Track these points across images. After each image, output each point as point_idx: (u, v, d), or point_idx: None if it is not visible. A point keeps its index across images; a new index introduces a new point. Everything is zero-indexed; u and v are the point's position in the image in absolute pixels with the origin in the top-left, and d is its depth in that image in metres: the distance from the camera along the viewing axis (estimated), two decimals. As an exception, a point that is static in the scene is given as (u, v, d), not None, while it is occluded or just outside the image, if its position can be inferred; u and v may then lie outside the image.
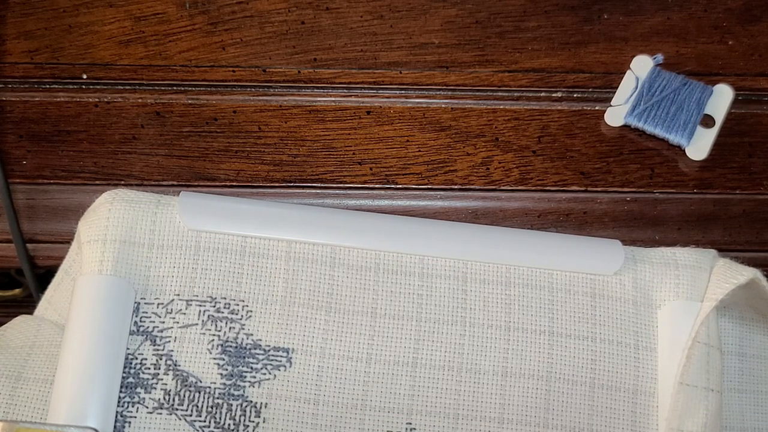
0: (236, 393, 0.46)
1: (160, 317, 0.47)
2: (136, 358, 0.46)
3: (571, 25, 0.57)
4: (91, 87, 0.55)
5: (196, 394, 0.46)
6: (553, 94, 0.56)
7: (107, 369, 0.45)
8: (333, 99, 0.55)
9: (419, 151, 0.54)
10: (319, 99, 0.55)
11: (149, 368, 0.46)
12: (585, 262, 0.50)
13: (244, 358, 0.47)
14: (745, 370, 0.51)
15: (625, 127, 0.55)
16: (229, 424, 0.46)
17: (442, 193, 0.54)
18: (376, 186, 0.54)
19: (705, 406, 0.46)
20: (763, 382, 0.51)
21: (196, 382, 0.46)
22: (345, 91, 0.55)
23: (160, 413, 0.46)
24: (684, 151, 0.54)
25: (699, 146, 0.54)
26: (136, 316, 0.47)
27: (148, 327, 0.47)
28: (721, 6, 0.57)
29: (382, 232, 0.49)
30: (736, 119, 0.55)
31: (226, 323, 0.47)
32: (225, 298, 0.47)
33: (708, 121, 0.55)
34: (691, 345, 0.47)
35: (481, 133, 0.55)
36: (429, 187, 0.54)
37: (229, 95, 0.55)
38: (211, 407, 0.46)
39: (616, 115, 0.55)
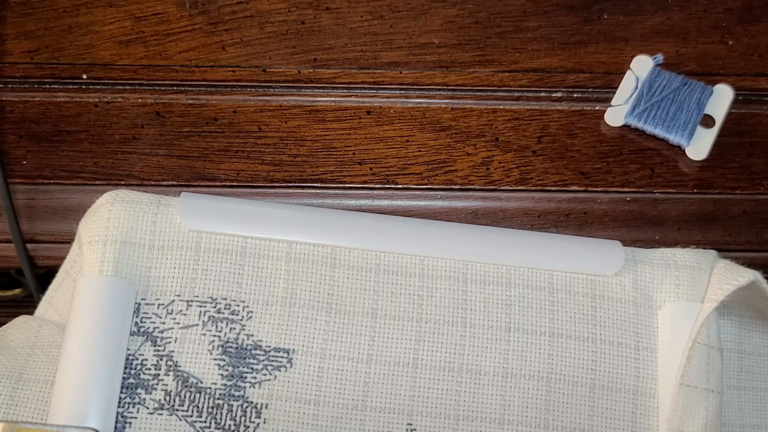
0: (237, 394, 0.46)
1: (160, 318, 0.47)
2: (137, 359, 0.46)
3: (571, 25, 0.57)
4: (91, 87, 0.55)
5: (197, 395, 0.46)
6: (553, 94, 0.56)
7: (108, 370, 0.45)
8: (333, 99, 0.55)
9: (419, 151, 0.54)
10: (319, 99, 0.55)
11: (150, 369, 0.46)
12: (585, 263, 0.50)
13: (244, 358, 0.47)
14: (744, 367, 0.51)
15: (625, 127, 0.55)
16: (229, 425, 0.46)
17: (442, 193, 0.54)
18: (376, 186, 0.54)
19: (705, 407, 0.46)
20: (762, 379, 0.51)
21: (196, 383, 0.46)
22: (345, 91, 0.55)
23: (161, 414, 0.46)
24: (684, 151, 0.54)
25: (699, 146, 0.54)
26: (137, 317, 0.47)
27: (148, 328, 0.47)
28: (721, 6, 0.57)
29: (382, 232, 0.49)
30: (736, 119, 0.55)
31: (227, 324, 0.47)
32: (225, 299, 0.47)
33: (708, 121, 0.55)
34: (692, 346, 0.47)
35: (481, 133, 0.55)
36: (429, 187, 0.54)
37: (229, 95, 0.55)
38: (212, 408, 0.46)
39: (616, 115, 0.55)
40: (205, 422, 0.46)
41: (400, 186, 0.54)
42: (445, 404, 0.47)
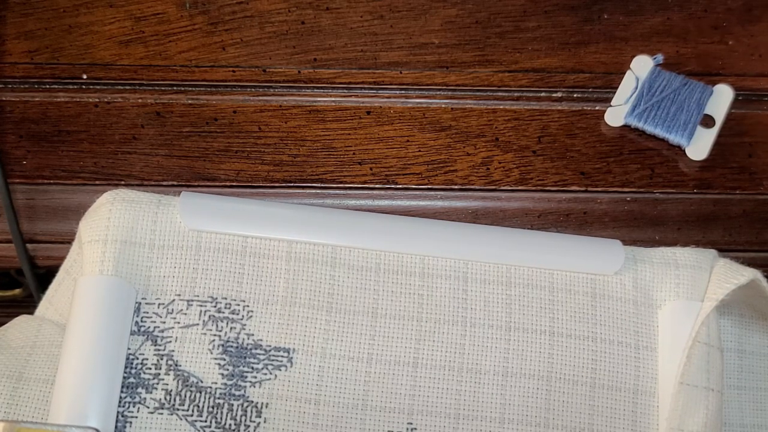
0: (237, 393, 0.46)
1: (161, 317, 0.47)
2: (137, 358, 0.46)
3: (571, 25, 0.57)
4: (91, 87, 0.55)
5: (197, 394, 0.46)
6: (553, 94, 0.56)
7: (108, 369, 0.45)
8: (333, 99, 0.55)
9: (419, 151, 0.54)
10: (319, 99, 0.55)
11: (150, 368, 0.46)
12: (585, 262, 0.50)
13: (245, 358, 0.47)
14: (744, 367, 0.51)
15: (625, 127, 0.55)
16: (230, 425, 0.46)
17: (442, 193, 0.54)
18: (376, 186, 0.54)
19: (705, 406, 0.46)
20: (762, 379, 0.51)
21: (197, 382, 0.46)
22: (345, 91, 0.55)
23: (161, 413, 0.46)
24: (684, 151, 0.54)
25: (699, 146, 0.54)
26: (137, 317, 0.47)
27: (149, 327, 0.47)
28: (721, 6, 0.57)
29: (382, 232, 0.49)
30: (736, 119, 0.55)
31: (227, 323, 0.47)
32: (226, 299, 0.47)
33: (708, 121, 0.55)
34: (692, 345, 0.47)
35: (481, 133, 0.55)
36: (429, 187, 0.54)
37: (229, 95, 0.55)
38: (212, 407, 0.46)
39: (616, 115, 0.55)
40: (206, 421, 0.46)
41: (400, 186, 0.54)
42: (445, 403, 0.47)
